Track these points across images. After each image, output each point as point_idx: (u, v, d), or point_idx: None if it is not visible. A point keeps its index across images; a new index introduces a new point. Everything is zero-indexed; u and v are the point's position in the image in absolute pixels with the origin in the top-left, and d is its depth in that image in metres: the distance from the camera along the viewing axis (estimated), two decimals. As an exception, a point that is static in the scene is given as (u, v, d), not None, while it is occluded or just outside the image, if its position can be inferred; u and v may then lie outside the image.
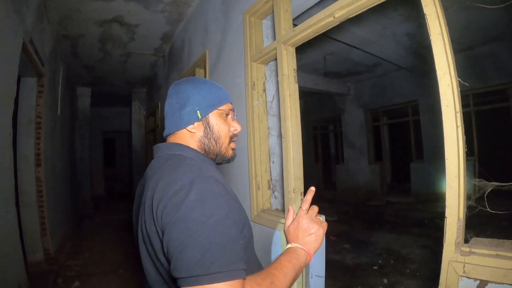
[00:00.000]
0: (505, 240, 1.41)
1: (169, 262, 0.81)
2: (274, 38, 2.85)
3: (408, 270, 4.18)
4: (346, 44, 6.28)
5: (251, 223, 3.05)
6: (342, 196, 11.06)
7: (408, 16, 5.74)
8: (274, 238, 2.67)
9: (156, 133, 7.96)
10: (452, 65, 1.49)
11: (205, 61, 4.26)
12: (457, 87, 1.48)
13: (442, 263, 1.45)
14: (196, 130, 1.12)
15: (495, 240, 1.43)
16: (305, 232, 1.24)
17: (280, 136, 3.05)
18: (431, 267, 4.16)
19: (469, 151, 8.74)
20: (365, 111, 11.17)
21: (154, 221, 0.87)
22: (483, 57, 7.56)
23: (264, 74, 3.09)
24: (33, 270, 4.21)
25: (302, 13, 3.12)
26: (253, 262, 1.10)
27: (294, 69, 2.56)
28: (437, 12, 1.54)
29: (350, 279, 4.07)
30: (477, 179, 1.57)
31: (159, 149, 1.12)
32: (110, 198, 13.05)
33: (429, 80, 8.96)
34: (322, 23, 2.23)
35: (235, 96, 3.39)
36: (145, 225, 0.92)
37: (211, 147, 1.15)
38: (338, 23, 2.22)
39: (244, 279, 0.79)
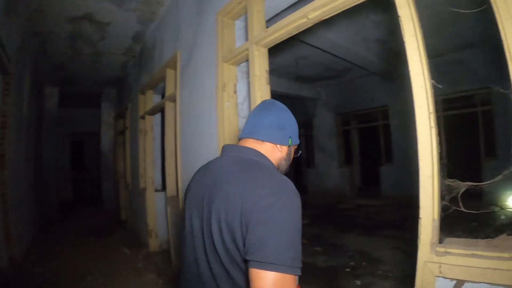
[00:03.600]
0: (479, 240, 1.43)
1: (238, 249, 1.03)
2: (246, 39, 2.82)
3: (380, 272, 4.20)
4: (318, 48, 6.32)
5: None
6: (313, 199, 11.09)
7: (379, 23, 5.84)
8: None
9: (125, 135, 7.75)
10: (426, 67, 1.50)
11: (176, 62, 4.18)
12: (430, 89, 1.49)
13: (418, 264, 1.45)
14: (280, 150, 1.34)
15: (468, 240, 1.44)
16: None
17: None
18: (403, 268, 4.20)
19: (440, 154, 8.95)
20: (335, 116, 11.32)
21: (240, 215, 1.02)
22: (453, 63, 7.82)
23: (236, 75, 3.05)
24: (-3, 278, 3.97)
25: (275, 15, 3.09)
26: None
27: (266, 70, 2.53)
28: (411, 14, 1.54)
29: (323, 281, 4.06)
30: (451, 180, 1.58)
31: (235, 149, 1.30)
32: (79, 202, 12.68)
33: (399, 85, 9.22)
34: (296, 24, 2.21)
35: (206, 97, 3.33)
36: (227, 217, 1.05)
37: (283, 168, 1.40)
38: (311, 25, 2.21)
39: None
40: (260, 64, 2.52)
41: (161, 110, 5.35)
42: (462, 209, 1.56)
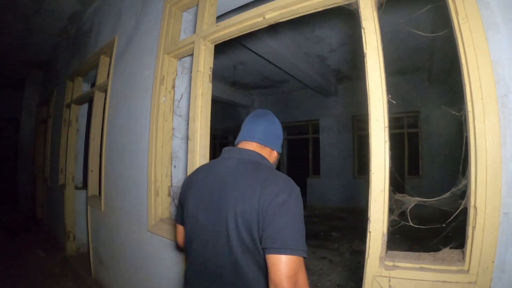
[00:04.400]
0: (423, 253, 1.45)
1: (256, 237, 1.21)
2: (193, 33, 2.63)
3: (309, 281, 4.21)
4: (259, 55, 6.29)
5: (147, 233, 2.78)
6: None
7: (322, 39, 5.98)
8: (172, 251, 2.42)
9: (47, 124, 6.95)
10: (384, 81, 1.47)
11: (112, 48, 3.82)
12: (386, 103, 1.45)
13: (366, 278, 1.42)
14: (274, 156, 1.55)
15: (414, 254, 1.46)
16: None
17: (185, 138, 2.81)
18: (331, 277, 4.26)
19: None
20: None
21: (258, 210, 1.20)
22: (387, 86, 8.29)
23: (176, 69, 2.84)
24: None
25: (225, 13, 2.96)
26: None
27: (210, 68, 2.38)
28: (375, 27, 1.51)
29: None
30: (400, 195, 1.56)
31: (239, 152, 1.46)
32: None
33: (332, 102, 9.58)
34: (250, 22, 2.10)
35: (141, 90, 3.07)
36: (243, 213, 1.22)
37: None
38: (266, 25, 2.11)
39: None
40: (205, 60, 2.36)
41: (89, 100, 4.85)
42: (411, 224, 1.55)
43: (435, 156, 8.05)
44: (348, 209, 8.96)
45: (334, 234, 6.56)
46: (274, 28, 5.42)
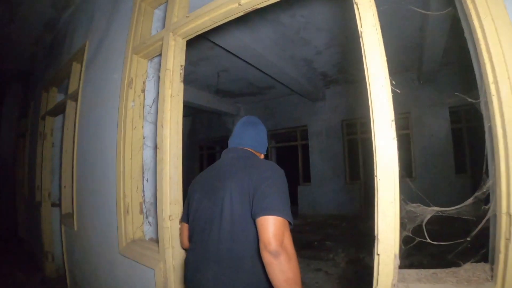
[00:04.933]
0: (437, 270, 1.20)
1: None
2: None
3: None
4: (243, 60, 6.04)
5: (119, 256, 2.46)
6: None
7: (308, 41, 5.75)
8: (146, 279, 2.09)
9: (25, 138, 6.59)
10: (385, 64, 1.22)
11: (83, 53, 3.54)
12: (390, 91, 1.19)
13: None
14: (261, 157, 1.80)
15: (424, 272, 1.21)
16: None
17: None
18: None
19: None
20: None
21: (249, 185, 1.41)
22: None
23: (146, 71, 2.56)
24: None
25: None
26: None
27: (181, 66, 2.09)
28: (370, 1, 1.26)
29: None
30: (413, 205, 1.29)
31: (233, 151, 1.69)
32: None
33: (321, 106, 9.40)
34: (223, 10, 1.83)
35: (110, 95, 2.78)
36: (240, 189, 1.43)
37: None
38: (242, 13, 1.84)
39: None
40: (175, 57, 2.07)
41: (63, 111, 4.54)
42: (428, 240, 1.28)
43: (427, 157, 7.91)
44: (341, 216, 8.67)
45: (328, 243, 6.25)
46: (257, 30, 5.19)
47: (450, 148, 7.56)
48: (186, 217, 1.69)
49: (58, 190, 5.20)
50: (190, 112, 11.76)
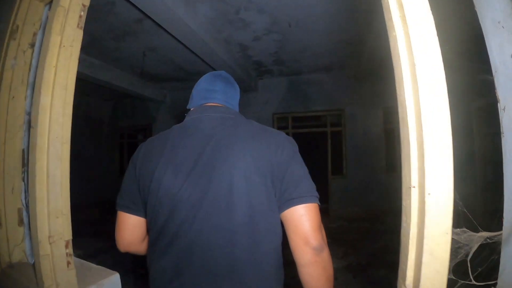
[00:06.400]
0: None
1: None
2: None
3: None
4: (174, 37, 5.23)
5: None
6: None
7: (247, 24, 5.20)
8: None
9: None
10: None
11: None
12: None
13: None
14: None
15: None
16: None
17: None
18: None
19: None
20: (178, 122, 10.14)
21: (271, 162, 1.06)
22: (309, 83, 8.39)
23: (41, 18, 1.77)
24: None
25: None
26: None
27: (83, 5, 1.40)
28: None
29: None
30: (458, 229, 0.84)
31: (216, 110, 1.25)
32: None
33: (253, 97, 8.98)
34: None
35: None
36: (257, 169, 1.05)
37: None
38: None
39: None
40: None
41: None
42: (473, 282, 0.85)
43: (359, 155, 8.03)
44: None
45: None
46: (193, 3, 4.50)
47: (382, 147, 7.71)
48: (131, 202, 1.18)
49: None
50: (112, 96, 10.47)
